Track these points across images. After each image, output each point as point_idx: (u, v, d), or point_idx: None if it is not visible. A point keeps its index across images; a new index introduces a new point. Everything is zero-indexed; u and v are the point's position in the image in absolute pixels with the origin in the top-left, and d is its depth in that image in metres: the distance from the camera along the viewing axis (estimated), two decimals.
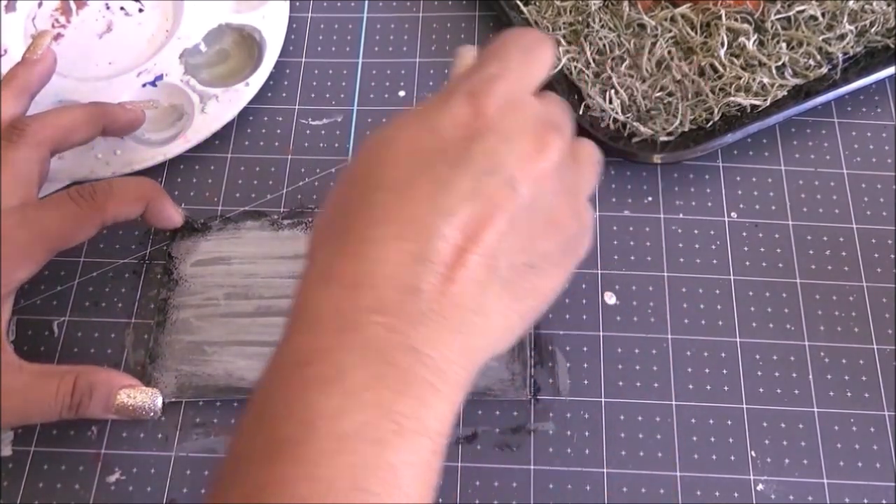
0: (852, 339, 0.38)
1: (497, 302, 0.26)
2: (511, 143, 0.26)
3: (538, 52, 0.29)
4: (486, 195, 0.25)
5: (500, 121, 0.26)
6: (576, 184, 0.29)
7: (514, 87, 0.27)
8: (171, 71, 0.45)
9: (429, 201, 0.25)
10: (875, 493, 0.35)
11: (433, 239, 0.24)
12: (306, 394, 0.23)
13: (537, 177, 0.26)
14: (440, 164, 0.25)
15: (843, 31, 0.42)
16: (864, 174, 0.42)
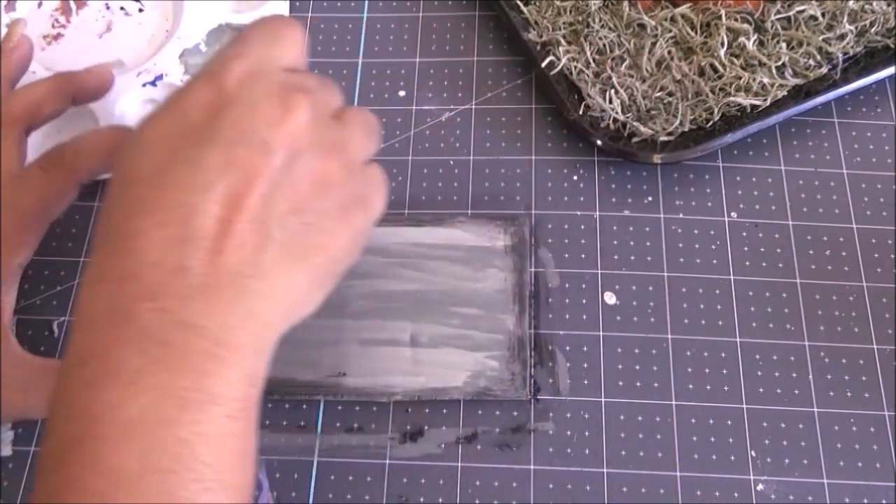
0: (852, 339, 0.38)
1: (277, 263, 0.26)
2: (256, 108, 0.26)
3: (282, 34, 0.29)
4: (241, 164, 0.25)
5: (242, 91, 0.26)
6: (342, 141, 0.29)
7: (255, 62, 0.27)
8: (171, 71, 0.45)
9: (183, 183, 0.25)
10: (875, 493, 0.35)
11: (194, 217, 0.24)
12: (87, 391, 0.24)
13: (290, 136, 0.26)
14: (189, 146, 0.25)
15: (843, 31, 0.42)
16: (864, 174, 0.42)
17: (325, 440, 0.37)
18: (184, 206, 0.25)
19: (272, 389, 0.37)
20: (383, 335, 0.38)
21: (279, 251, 0.26)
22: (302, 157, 0.26)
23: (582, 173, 0.42)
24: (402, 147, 0.44)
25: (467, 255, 0.40)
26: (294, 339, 0.38)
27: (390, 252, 0.40)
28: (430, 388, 0.37)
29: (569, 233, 0.41)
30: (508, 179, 0.42)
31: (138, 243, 0.24)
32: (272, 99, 0.26)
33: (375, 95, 0.45)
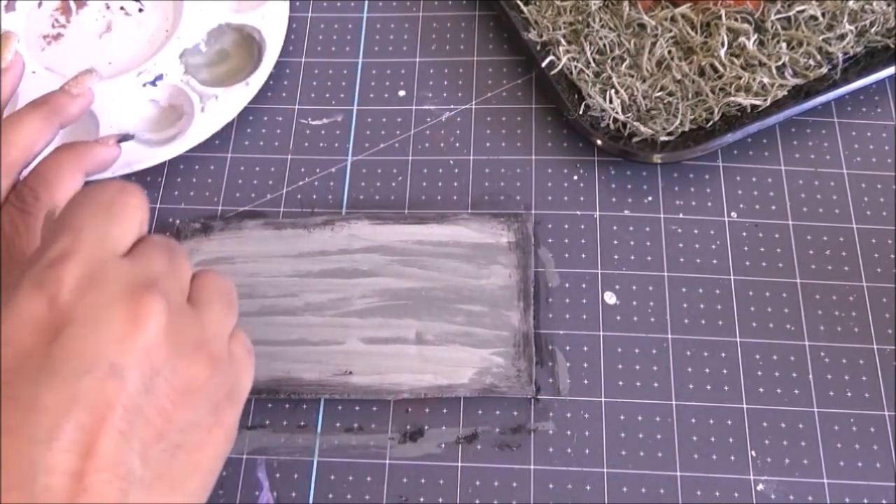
0: (852, 339, 0.38)
1: (150, 500, 0.22)
2: (100, 325, 0.22)
3: (120, 205, 0.25)
4: (89, 397, 0.21)
5: (81, 303, 0.22)
6: (202, 333, 0.25)
7: (92, 257, 0.23)
8: (171, 71, 0.45)
9: (19, 430, 0.20)
10: (875, 493, 0.35)
11: (38, 478, 0.20)
12: None
13: (145, 352, 0.22)
14: (22, 383, 0.21)
15: (843, 31, 0.42)
16: (864, 174, 0.42)
17: (325, 440, 0.37)
18: (25, 464, 0.20)
19: (278, 389, 0.37)
20: (389, 333, 0.38)
21: (147, 492, 0.22)
22: (161, 371, 0.23)
23: (582, 173, 0.42)
24: (402, 147, 0.44)
25: (471, 252, 0.40)
26: (299, 339, 0.38)
27: (394, 250, 0.40)
28: (436, 386, 0.37)
29: (569, 233, 0.41)
30: (508, 179, 0.42)
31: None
32: (118, 309, 0.22)
33: (375, 95, 0.45)
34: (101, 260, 0.23)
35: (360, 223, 0.41)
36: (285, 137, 0.44)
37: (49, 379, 0.21)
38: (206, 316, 0.26)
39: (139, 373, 0.22)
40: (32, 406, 0.21)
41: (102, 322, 0.22)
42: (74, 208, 0.25)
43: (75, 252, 0.23)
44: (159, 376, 0.23)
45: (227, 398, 0.26)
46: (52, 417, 0.21)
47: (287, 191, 0.43)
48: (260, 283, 0.39)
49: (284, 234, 0.41)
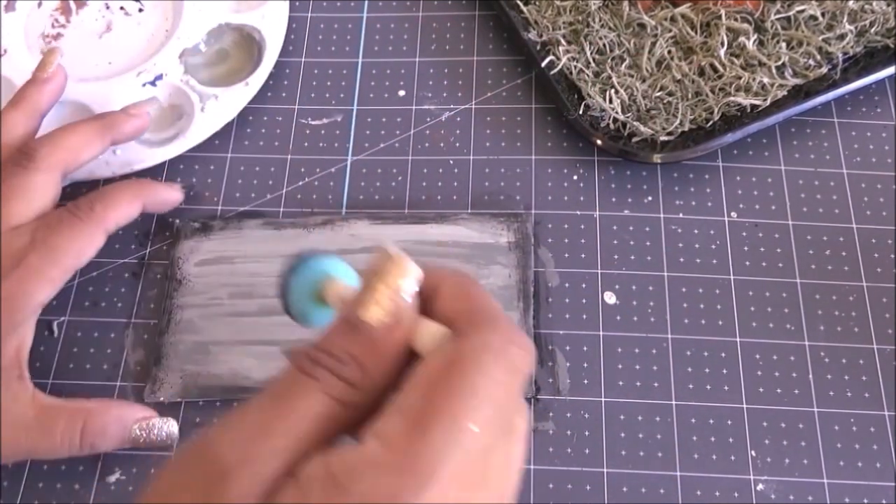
0: (852, 339, 0.38)
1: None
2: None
3: (515, 392, 0.22)
4: None
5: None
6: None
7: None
8: (171, 71, 0.45)
9: None
10: (875, 493, 0.35)
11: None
12: None
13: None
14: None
15: (843, 31, 0.42)
16: (864, 174, 0.42)
17: None
18: None
19: None
20: None
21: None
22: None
23: (582, 173, 0.42)
24: (402, 147, 0.44)
25: (471, 252, 0.40)
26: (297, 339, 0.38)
27: None
28: None
29: (569, 233, 0.41)
30: (508, 179, 0.42)
31: None
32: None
33: (375, 95, 0.45)
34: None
35: (360, 223, 0.41)
36: (285, 137, 0.44)
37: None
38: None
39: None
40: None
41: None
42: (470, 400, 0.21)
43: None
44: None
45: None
46: None
47: (287, 191, 0.43)
48: (260, 283, 0.39)
49: (284, 234, 0.41)
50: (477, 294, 0.23)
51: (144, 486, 0.21)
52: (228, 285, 0.39)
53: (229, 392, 0.37)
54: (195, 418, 0.37)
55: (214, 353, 0.38)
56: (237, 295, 0.39)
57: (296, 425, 0.21)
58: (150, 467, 0.36)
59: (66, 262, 0.35)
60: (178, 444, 0.36)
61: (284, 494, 0.19)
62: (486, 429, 0.20)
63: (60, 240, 0.34)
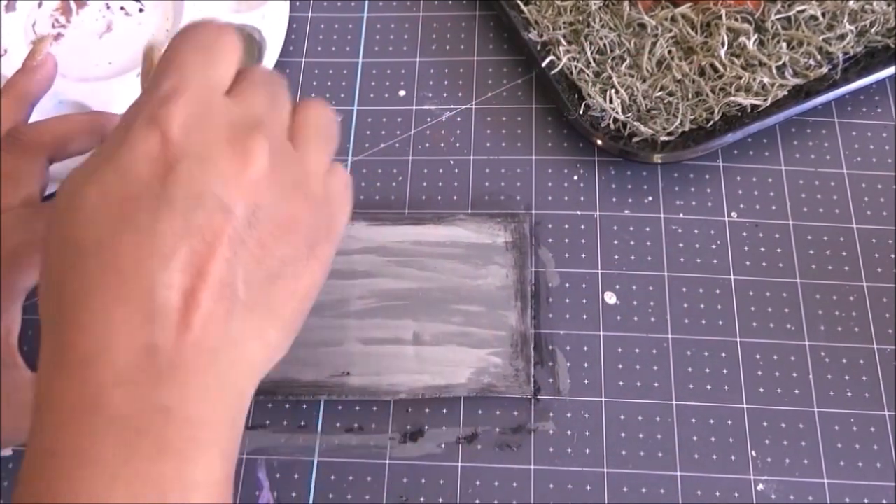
0: (852, 339, 0.38)
1: (248, 327, 0.24)
2: (208, 164, 0.24)
3: (216, 47, 0.26)
4: (200, 227, 0.23)
5: (190, 141, 0.24)
6: (303, 169, 0.27)
7: (198, 96, 0.25)
8: None
9: (140, 254, 0.23)
10: (875, 493, 0.35)
11: (156, 290, 0.23)
12: (58, 484, 0.22)
13: (250, 188, 0.24)
14: (140, 209, 0.23)
15: (844, 31, 0.42)
16: (864, 174, 0.42)
17: (326, 440, 0.37)
18: (144, 278, 0.23)
19: (275, 390, 0.37)
20: (386, 334, 0.38)
21: (248, 314, 0.24)
22: (264, 206, 0.25)
23: (582, 173, 0.42)
24: (402, 147, 0.44)
25: (468, 253, 0.40)
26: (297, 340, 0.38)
27: (391, 251, 0.40)
28: (433, 386, 0.37)
29: (569, 233, 0.41)
30: (508, 179, 0.42)
31: (98, 322, 0.23)
32: (224, 149, 0.24)
33: (375, 95, 0.45)
34: (207, 99, 0.25)
35: (358, 224, 0.41)
36: None
37: (164, 209, 0.23)
38: (306, 155, 0.27)
39: (244, 208, 0.24)
40: (151, 232, 0.23)
41: (211, 160, 0.24)
42: (178, 49, 0.26)
43: (183, 91, 0.25)
44: (261, 212, 0.24)
45: (323, 234, 0.27)
46: (168, 242, 0.23)
47: None
48: None
49: None
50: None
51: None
52: None
53: None
54: None
55: None
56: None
57: None
58: None
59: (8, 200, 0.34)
60: None
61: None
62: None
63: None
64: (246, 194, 0.24)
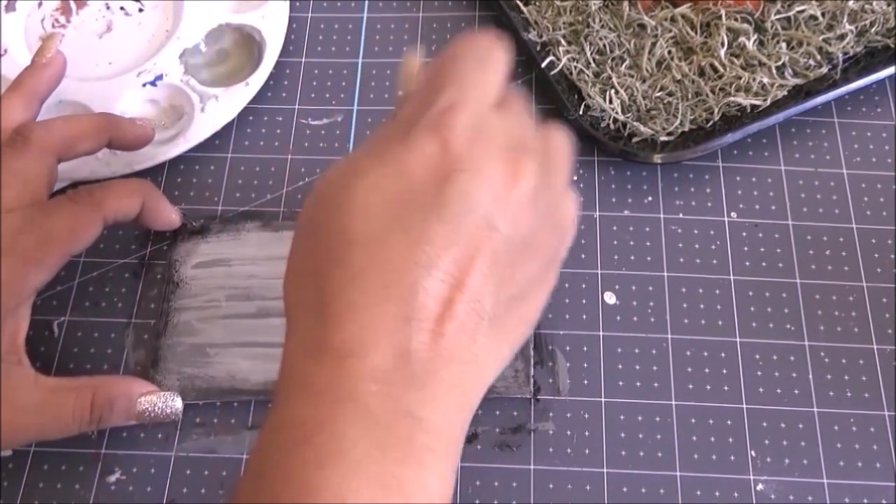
0: (852, 339, 0.38)
1: (488, 344, 0.25)
2: (483, 177, 0.24)
3: (492, 59, 0.28)
4: (465, 238, 0.24)
5: (469, 154, 0.25)
6: (552, 193, 0.27)
7: (476, 109, 0.26)
8: (171, 71, 0.45)
9: (407, 254, 0.23)
10: (875, 493, 0.35)
11: (417, 295, 0.23)
12: (306, 470, 0.23)
13: (514, 208, 0.25)
14: (412, 211, 0.24)
15: (843, 31, 0.42)
16: (864, 174, 0.42)
17: None
18: (408, 281, 0.23)
19: None
20: None
21: (491, 332, 0.25)
22: (521, 227, 0.25)
23: (582, 173, 0.42)
24: None
25: None
26: None
27: None
28: None
29: None
30: None
31: (359, 317, 0.23)
32: (497, 165, 0.25)
33: (375, 95, 0.45)
34: (483, 112, 0.26)
35: None
36: (285, 137, 0.44)
37: (437, 215, 0.24)
38: (555, 178, 0.28)
39: (506, 227, 0.24)
40: (421, 235, 0.24)
41: (485, 174, 0.24)
42: (457, 60, 0.27)
43: (463, 103, 0.25)
44: (518, 232, 0.25)
45: (556, 257, 0.28)
46: (435, 249, 0.23)
47: (287, 191, 0.43)
48: (258, 286, 0.39)
49: (282, 237, 0.41)
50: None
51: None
52: (225, 288, 0.39)
53: (227, 394, 0.37)
54: (195, 419, 0.37)
55: (212, 355, 0.38)
56: (234, 297, 0.39)
57: None
58: (150, 467, 0.36)
59: (62, 246, 0.35)
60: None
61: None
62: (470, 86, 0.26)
63: (56, 223, 0.34)
64: (510, 213, 0.25)
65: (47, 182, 0.36)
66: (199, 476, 0.36)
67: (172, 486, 0.36)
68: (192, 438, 0.37)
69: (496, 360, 0.26)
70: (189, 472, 0.36)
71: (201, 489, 0.36)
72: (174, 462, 0.36)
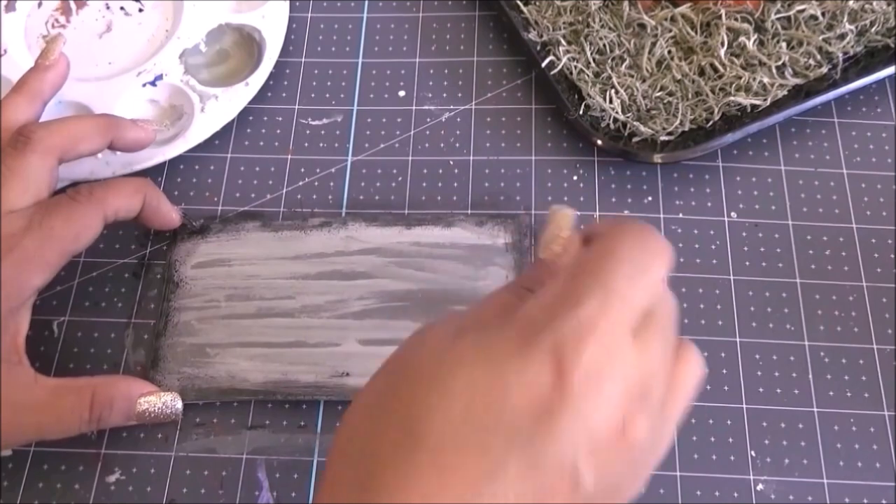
0: (852, 339, 0.38)
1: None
2: (587, 423, 0.21)
3: (650, 267, 0.24)
4: (541, 482, 0.21)
5: (583, 396, 0.21)
6: (661, 434, 0.24)
7: (612, 337, 0.22)
8: (171, 71, 0.45)
9: (472, 479, 0.21)
10: (875, 493, 0.35)
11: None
12: None
13: (608, 464, 0.22)
14: (496, 434, 0.21)
15: (844, 31, 0.42)
16: (864, 174, 0.42)
17: (325, 440, 0.37)
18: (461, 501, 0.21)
19: (275, 391, 0.37)
20: (386, 335, 0.38)
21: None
22: (611, 479, 0.22)
23: (582, 173, 0.42)
24: (402, 147, 0.44)
25: (468, 254, 0.40)
26: (296, 341, 0.38)
27: (391, 252, 0.40)
28: None
29: None
30: (508, 179, 0.42)
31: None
32: (609, 414, 0.21)
33: (375, 95, 0.45)
34: (618, 342, 0.22)
35: (358, 225, 0.41)
36: (285, 137, 0.44)
37: (521, 447, 0.21)
38: (669, 417, 0.24)
39: (593, 482, 0.22)
40: (495, 462, 0.21)
41: (591, 422, 0.21)
42: (611, 259, 0.23)
43: (600, 326, 0.22)
44: (604, 482, 0.22)
45: (638, 483, 0.25)
46: (503, 483, 0.21)
47: (287, 191, 0.43)
48: (257, 285, 0.39)
49: (282, 236, 0.41)
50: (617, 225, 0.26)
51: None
52: (225, 288, 0.39)
53: (227, 394, 0.37)
54: (195, 419, 0.37)
55: (212, 355, 0.38)
56: (234, 297, 0.39)
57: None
58: (150, 467, 0.36)
59: (63, 245, 0.35)
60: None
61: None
62: (631, 302, 0.23)
63: (57, 222, 0.34)
64: (602, 468, 0.22)
65: (48, 182, 0.36)
66: (199, 476, 0.36)
67: (172, 486, 0.36)
68: (191, 438, 0.37)
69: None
70: (189, 472, 0.36)
71: (201, 489, 0.36)
72: (174, 462, 0.36)
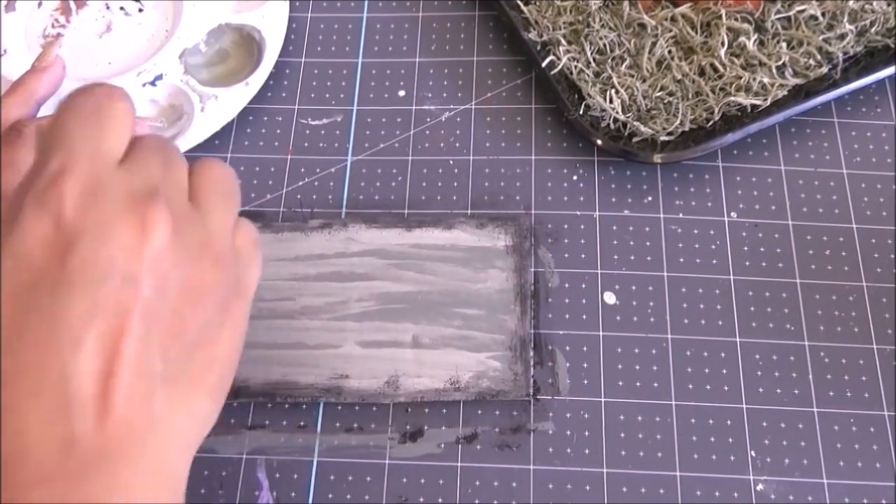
0: (852, 339, 0.38)
1: (172, 403, 0.23)
2: (108, 239, 0.22)
3: (108, 113, 0.25)
4: (107, 306, 0.22)
5: (86, 218, 0.22)
6: (206, 231, 0.26)
7: (89, 170, 0.23)
8: (171, 71, 0.45)
9: (47, 340, 0.21)
10: (875, 493, 0.35)
11: (68, 379, 0.21)
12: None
13: (154, 259, 0.23)
14: (39, 297, 0.22)
15: (844, 31, 0.42)
16: (864, 174, 0.42)
17: (325, 440, 0.37)
18: (54, 367, 0.21)
19: (274, 393, 0.37)
20: (385, 337, 0.38)
21: (171, 388, 0.23)
22: (170, 275, 0.23)
23: (582, 173, 0.42)
24: (402, 147, 0.44)
25: (468, 256, 0.40)
26: (296, 343, 0.38)
27: (391, 253, 0.40)
28: (432, 390, 0.37)
29: (569, 233, 0.41)
30: (508, 179, 0.42)
31: (14, 419, 0.21)
32: (123, 221, 0.23)
33: (375, 95, 0.45)
34: (99, 171, 0.24)
35: (358, 226, 0.41)
36: (285, 137, 0.44)
37: (67, 291, 0.22)
38: (208, 215, 0.26)
39: (151, 279, 0.23)
40: (54, 317, 0.22)
41: (110, 234, 0.23)
42: (64, 120, 0.25)
43: (72, 167, 0.23)
44: (170, 281, 0.23)
45: (235, 293, 0.26)
46: (75, 325, 0.22)
47: (287, 191, 0.43)
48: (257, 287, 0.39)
49: (282, 238, 0.41)
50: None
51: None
52: None
53: None
54: None
55: None
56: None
57: None
58: None
59: None
60: None
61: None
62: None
63: None
64: (152, 265, 0.23)
65: None
66: (200, 476, 0.36)
67: None
68: None
69: (189, 414, 0.24)
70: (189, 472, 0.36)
71: (201, 489, 0.36)
72: None
